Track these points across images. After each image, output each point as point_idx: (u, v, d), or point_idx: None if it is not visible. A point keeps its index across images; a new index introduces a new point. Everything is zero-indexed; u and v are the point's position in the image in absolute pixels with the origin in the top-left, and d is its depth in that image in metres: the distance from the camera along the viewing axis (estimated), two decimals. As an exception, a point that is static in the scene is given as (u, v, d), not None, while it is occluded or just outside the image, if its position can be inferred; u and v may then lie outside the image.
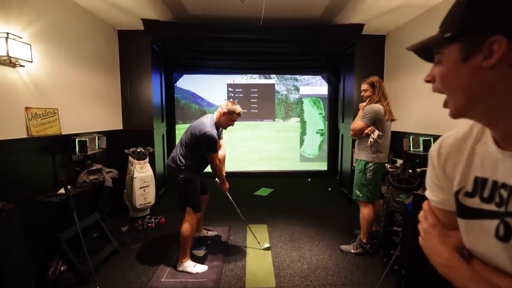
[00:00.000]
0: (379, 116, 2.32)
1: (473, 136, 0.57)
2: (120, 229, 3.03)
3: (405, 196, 2.19)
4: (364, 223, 2.50)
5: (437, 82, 0.56)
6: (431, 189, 0.65)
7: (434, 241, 0.60)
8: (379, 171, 2.44)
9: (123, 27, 3.49)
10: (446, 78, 0.53)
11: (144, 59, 3.60)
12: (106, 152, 3.01)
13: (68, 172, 2.45)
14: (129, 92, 3.65)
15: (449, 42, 0.50)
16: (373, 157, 2.38)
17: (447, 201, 0.60)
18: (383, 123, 2.34)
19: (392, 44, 3.66)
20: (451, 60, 0.50)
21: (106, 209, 3.22)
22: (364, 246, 2.53)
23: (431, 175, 0.65)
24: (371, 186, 2.44)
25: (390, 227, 2.20)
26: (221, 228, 3.07)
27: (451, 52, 0.50)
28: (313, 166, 5.68)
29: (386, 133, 2.39)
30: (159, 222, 3.21)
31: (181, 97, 5.61)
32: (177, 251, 2.41)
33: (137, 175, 3.19)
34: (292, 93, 5.79)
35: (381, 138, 2.35)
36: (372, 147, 2.36)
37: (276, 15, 3.44)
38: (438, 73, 0.55)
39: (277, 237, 2.92)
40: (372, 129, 2.36)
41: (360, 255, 2.53)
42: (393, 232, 2.21)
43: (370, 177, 2.41)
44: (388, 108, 2.36)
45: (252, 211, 3.65)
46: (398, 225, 2.16)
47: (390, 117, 2.37)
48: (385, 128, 2.37)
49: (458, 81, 0.50)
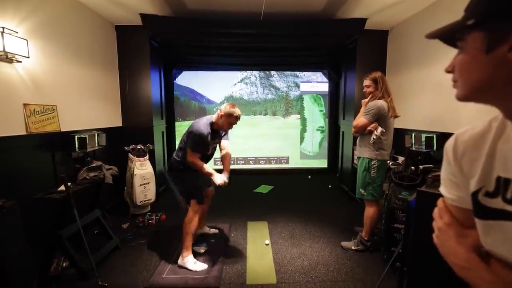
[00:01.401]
0: (383, 112, 2.27)
1: (492, 132, 0.54)
2: (121, 226, 3.03)
3: (407, 193, 2.19)
4: (368, 221, 2.48)
5: (456, 71, 0.53)
6: (446, 186, 0.63)
7: (450, 241, 0.58)
8: (382, 169, 2.42)
9: (121, 22, 3.45)
10: (465, 67, 0.50)
11: (142, 55, 3.57)
12: (106, 149, 3.00)
13: (68, 169, 2.44)
14: (128, 89, 3.62)
15: (472, 29, 0.47)
16: (377, 155, 2.35)
17: (463, 199, 0.58)
18: (387, 119, 2.31)
19: (395, 39, 3.63)
20: (473, 49, 0.47)
21: (106, 206, 3.21)
22: (365, 243, 2.53)
23: (447, 171, 0.63)
24: (375, 184, 2.41)
25: (392, 224, 2.20)
26: (222, 225, 3.07)
27: (474, 41, 0.47)
28: (313, 164, 5.68)
29: (389, 130, 2.36)
30: (160, 219, 3.21)
31: (181, 94, 5.58)
32: (178, 247, 2.41)
33: (137, 172, 3.18)
34: (292, 89, 5.76)
35: (384, 135, 2.32)
36: (375, 144, 2.33)
37: (276, 10, 3.40)
38: (458, 62, 0.52)
39: (278, 234, 2.92)
40: (375, 125, 2.32)
41: (361, 251, 2.53)
42: (394, 229, 2.20)
43: (374, 175, 2.38)
44: (391, 105, 2.32)
45: (252, 208, 3.65)
46: (399, 222, 2.15)
47: (393, 113, 2.32)
48: (388, 125, 2.33)
49: (478, 72, 0.47)
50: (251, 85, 5.81)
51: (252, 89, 5.81)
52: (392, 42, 3.71)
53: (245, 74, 5.75)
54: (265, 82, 5.82)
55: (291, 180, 5.09)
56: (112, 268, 2.29)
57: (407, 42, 3.32)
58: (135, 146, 3.27)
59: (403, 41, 3.42)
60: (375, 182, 2.40)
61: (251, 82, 5.81)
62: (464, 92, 0.52)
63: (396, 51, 3.60)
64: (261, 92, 5.79)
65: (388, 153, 2.41)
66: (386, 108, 2.28)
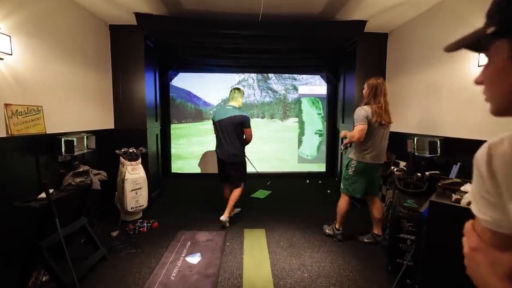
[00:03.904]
0: (367, 115, 2.38)
1: None
2: (110, 234, 2.87)
3: (413, 201, 2.08)
4: (337, 211, 2.77)
5: (485, 83, 0.48)
6: (478, 204, 0.52)
7: (480, 268, 0.49)
8: (362, 171, 2.55)
9: (115, 21, 3.32)
10: (494, 79, 0.45)
11: (137, 55, 3.44)
12: (96, 152, 2.85)
13: (54, 174, 2.29)
14: (122, 89, 3.48)
15: (495, 38, 0.42)
16: (357, 156, 2.54)
17: (500, 222, 0.47)
18: (370, 125, 2.40)
19: (395, 42, 3.55)
20: (500, 59, 0.42)
21: (95, 212, 3.05)
22: (335, 231, 2.82)
23: (479, 187, 0.51)
24: (351, 181, 2.61)
25: (397, 233, 2.08)
26: (217, 233, 2.93)
27: (499, 50, 0.42)
28: (312, 168, 5.56)
29: (374, 136, 2.45)
30: (152, 226, 3.05)
31: (177, 96, 5.45)
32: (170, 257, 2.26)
33: (128, 177, 3.03)
34: (290, 92, 5.66)
35: (367, 141, 2.43)
36: (359, 147, 2.51)
37: (275, 11, 3.31)
38: (486, 73, 0.47)
39: (276, 243, 2.78)
40: (346, 142, 2.67)
41: (330, 236, 2.85)
42: (399, 239, 2.09)
43: (351, 173, 2.59)
44: (378, 111, 2.38)
45: (249, 214, 3.51)
46: (405, 232, 2.04)
47: (378, 119, 2.38)
48: (372, 131, 2.42)
49: (508, 84, 0.42)
50: (248, 88, 5.70)
51: (249, 92, 5.70)
52: (392, 45, 3.63)
53: (243, 77, 5.64)
54: (263, 85, 5.72)
55: (289, 184, 4.96)
56: (98, 281, 2.13)
57: (408, 45, 3.23)
58: (127, 149, 3.13)
59: (403, 44, 3.34)
60: (350, 179, 2.61)
61: (248, 84, 5.70)
62: (497, 106, 0.48)
63: (396, 54, 3.52)
64: (259, 94, 5.69)
65: (372, 157, 2.49)
66: (370, 113, 2.38)
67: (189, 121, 5.59)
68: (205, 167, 5.50)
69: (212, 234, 2.90)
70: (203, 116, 5.62)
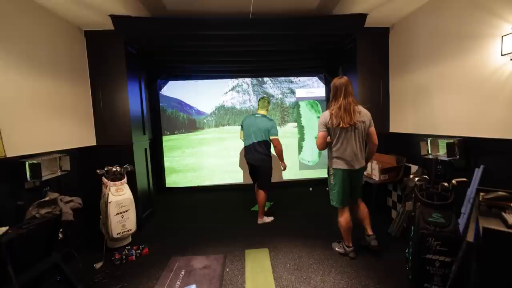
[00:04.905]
0: (325, 121, 2.29)
1: None
2: (94, 265, 2.52)
3: (439, 214, 1.76)
4: (340, 228, 2.51)
5: None
6: None
7: None
8: (341, 178, 2.37)
9: (91, 26, 3.02)
10: None
11: (118, 63, 3.14)
12: (74, 174, 2.54)
13: (14, 205, 1.96)
14: (102, 102, 3.17)
15: None
16: (332, 163, 2.39)
17: None
18: (332, 129, 2.29)
19: (398, 36, 3.27)
20: None
21: (76, 241, 2.71)
22: (346, 248, 2.52)
23: None
24: (334, 190, 2.44)
25: (423, 254, 1.75)
26: (215, 257, 2.58)
27: None
28: (314, 174, 5.25)
29: (338, 140, 2.30)
30: (141, 253, 2.71)
31: (167, 105, 5.16)
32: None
33: (112, 199, 2.69)
34: (287, 96, 5.38)
35: (333, 146, 2.33)
36: (330, 154, 2.40)
37: (266, 8, 3.03)
38: None
39: (281, 265, 2.44)
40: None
41: (342, 255, 2.56)
42: (426, 260, 1.76)
43: (332, 182, 2.44)
44: (337, 113, 2.24)
45: (249, 231, 3.18)
46: (433, 252, 1.71)
47: (337, 122, 2.23)
48: (336, 135, 2.30)
49: None
50: (243, 93, 5.42)
51: (244, 98, 5.42)
52: (394, 40, 3.35)
53: (237, 82, 5.37)
54: (258, 90, 5.43)
55: (291, 193, 4.64)
56: (73, 330, 1.79)
57: (413, 38, 2.95)
58: (110, 168, 2.80)
59: (408, 37, 3.06)
60: (333, 189, 2.45)
61: (243, 90, 5.42)
62: None
63: (400, 49, 3.23)
64: (254, 100, 5.40)
65: (344, 162, 2.33)
66: (327, 118, 2.27)
67: (182, 131, 5.28)
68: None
69: (209, 258, 2.56)
70: (196, 125, 5.32)
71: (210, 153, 5.22)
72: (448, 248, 1.71)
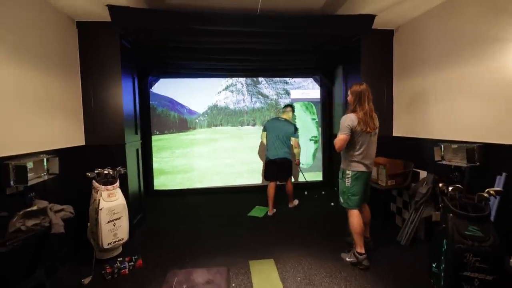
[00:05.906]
0: (352, 125, 2.31)
1: None
2: (81, 281, 2.26)
3: (476, 228, 1.69)
4: (352, 231, 2.47)
5: None
6: None
7: None
8: (359, 180, 2.42)
9: (84, 17, 2.75)
10: None
11: (112, 58, 2.88)
12: (61, 178, 2.27)
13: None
14: (94, 98, 2.90)
15: None
16: (350, 166, 2.42)
17: None
18: (357, 133, 2.33)
19: (403, 39, 3.26)
20: None
21: (61, 252, 2.44)
22: (358, 256, 2.42)
23: None
24: (350, 193, 2.45)
25: (460, 271, 1.67)
26: (217, 270, 2.39)
27: None
28: (308, 177, 5.18)
29: (363, 143, 2.35)
30: (135, 265, 2.47)
31: (158, 104, 4.89)
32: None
33: (104, 206, 2.44)
34: (282, 97, 5.30)
35: (355, 149, 2.36)
36: (347, 157, 2.43)
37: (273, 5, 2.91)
38: None
39: (291, 279, 2.30)
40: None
41: (354, 265, 2.45)
42: (464, 278, 1.67)
43: (349, 185, 2.44)
44: (364, 118, 2.30)
45: (250, 239, 3.03)
46: (472, 270, 1.64)
47: (364, 127, 2.29)
48: (359, 138, 2.34)
49: None
50: (237, 93, 5.27)
51: (238, 97, 5.27)
52: (399, 43, 3.34)
53: (231, 81, 5.21)
54: (253, 90, 5.31)
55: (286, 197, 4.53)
56: None
57: (420, 41, 2.94)
58: (101, 170, 2.55)
59: (414, 40, 3.05)
60: (349, 191, 2.45)
61: (237, 89, 5.27)
62: None
63: (405, 52, 3.23)
64: (249, 100, 5.28)
65: (365, 164, 2.39)
66: (356, 122, 2.29)
67: (172, 131, 5.04)
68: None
69: (211, 272, 2.37)
70: (188, 125, 5.10)
71: (201, 154, 5.02)
72: (488, 266, 1.63)
